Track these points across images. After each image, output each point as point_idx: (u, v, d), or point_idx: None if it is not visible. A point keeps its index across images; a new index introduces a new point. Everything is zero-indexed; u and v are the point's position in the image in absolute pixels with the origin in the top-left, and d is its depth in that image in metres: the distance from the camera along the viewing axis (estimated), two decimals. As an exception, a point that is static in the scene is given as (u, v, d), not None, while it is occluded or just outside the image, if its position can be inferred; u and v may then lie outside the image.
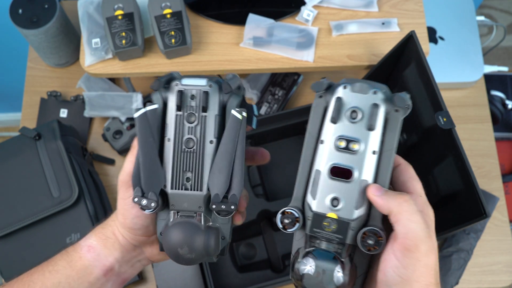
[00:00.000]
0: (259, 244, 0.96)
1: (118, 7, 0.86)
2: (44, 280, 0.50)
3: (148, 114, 0.46)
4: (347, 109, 0.44)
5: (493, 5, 2.05)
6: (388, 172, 0.44)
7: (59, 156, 0.90)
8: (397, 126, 0.44)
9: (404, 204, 0.42)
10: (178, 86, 0.46)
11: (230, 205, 0.45)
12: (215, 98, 0.45)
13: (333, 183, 0.45)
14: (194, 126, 0.45)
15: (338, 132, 0.45)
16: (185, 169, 0.46)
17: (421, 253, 0.41)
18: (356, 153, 0.44)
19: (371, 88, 0.44)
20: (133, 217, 0.49)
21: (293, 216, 0.46)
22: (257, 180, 0.97)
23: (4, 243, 0.88)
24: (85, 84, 1.07)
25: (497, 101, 1.19)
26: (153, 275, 0.92)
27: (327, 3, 0.93)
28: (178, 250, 0.45)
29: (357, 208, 0.44)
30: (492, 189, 1.02)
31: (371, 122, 0.43)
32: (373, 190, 0.43)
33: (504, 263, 0.98)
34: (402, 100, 0.43)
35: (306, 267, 0.44)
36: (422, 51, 0.78)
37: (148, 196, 0.45)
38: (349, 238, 0.44)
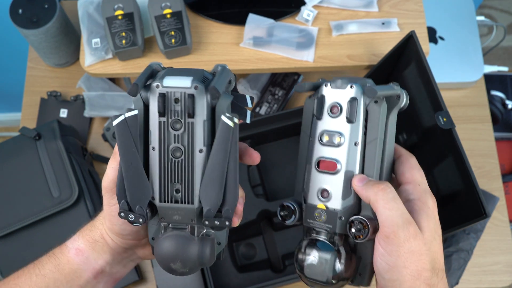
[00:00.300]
0: (259, 244, 0.96)
1: (118, 7, 0.86)
2: (31, 284, 0.49)
3: (128, 121, 0.40)
4: (328, 105, 0.47)
5: (493, 5, 2.05)
6: (374, 162, 0.46)
7: (59, 156, 0.90)
8: (378, 117, 0.46)
9: (380, 193, 0.43)
10: (159, 88, 0.40)
11: (224, 221, 0.42)
12: (202, 101, 0.40)
13: (321, 176, 0.47)
14: (180, 134, 0.40)
15: (321, 128, 0.47)
16: (174, 181, 0.41)
17: (400, 239, 0.41)
18: (339, 145, 0.46)
19: (349, 83, 0.46)
20: (121, 224, 0.47)
21: (290, 209, 0.49)
22: (257, 180, 0.97)
23: (4, 243, 0.88)
24: (85, 84, 1.07)
25: (497, 101, 1.19)
26: (153, 275, 0.92)
27: (327, 3, 0.93)
28: (171, 265, 0.42)
29: (344, 198, 0.46)
30: (492, 189, 1.02)
31: (349, 115, 0.45)
32: (355, 181, 0.45)
33: (504, 263, 0.98)
34: (371, 91, 0.44)
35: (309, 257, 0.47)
36: (422, 51, 0.78)
37: (136, 211, 0.42)
38: (338, 227, 0.46)
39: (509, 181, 1.26)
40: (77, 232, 0.51)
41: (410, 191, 0.46)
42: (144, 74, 0.41)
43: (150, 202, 0.43)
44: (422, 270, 0.42)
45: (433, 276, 0.42)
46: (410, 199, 0.45)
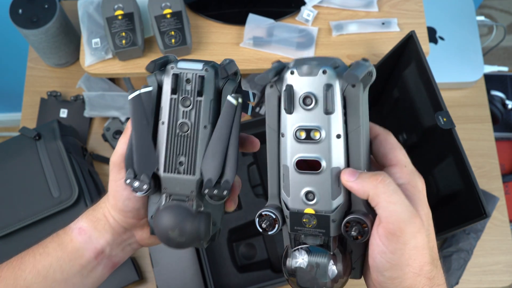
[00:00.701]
0: (259, 244, 0.96)
1: (118, 7, 0.87)
2: (35, 262, 0.50)
3: (142, 97, 0.45)
4: (300, 96, 0.41)
5: (493, 5, 2.05)
6: (360, 153, 0.41)
7: (59, 156, 0.90)
8: (358, 102, 0.40)
9: (380, 186, 0.39)
10: (173, 69, 0.45)
11: (222, 190, 0.44)
12: (211, 83, 0.44)
13: (303, 177, 0.42)
14: (188, 110, 0.45)
15: (295, 123, 0.41)
16: (179, 153, 0.45)
17: (407, 236, 0.38)
18: (319, 141, 0.41)
19: (320, 67, 0.40)
20: (124, 199, 0.48)
21: (271, 218, 0.44)
22: (257, 180, 0.97)
23: (4, 243, 0.88)
24: (85, 84, 1.07)
25: (497, 101, 1.19)
26: (153, 275, 0.92)
27: (327, 3, 0.93)
28: (169, 233, 0.45)
29: (334, 198, 0.41)
30: (492, 189, 1.02)
31: (327, 106, 0.40)
32: (346, 176, 0.40)
33: (504, 263, 0.98)
34: (353, 78, 0.38)
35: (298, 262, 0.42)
36: (422, 51, 0.78)
37: (141, 178, 0.45)
38: (332, 231, 0.42)
39: (509, 181, 1.26)
40: (82, 214, 0.53)
41: (397, 174, 0.42)
42: (161, 58, 0.45)
43: (155, 174, 0.46)
44: (423, 265, 0.39)
45: (433, 269, 0.40)
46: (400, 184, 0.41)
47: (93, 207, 0.52)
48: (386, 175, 0.40)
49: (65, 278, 0.50)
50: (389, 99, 0.94)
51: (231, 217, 0.92)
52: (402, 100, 0.90)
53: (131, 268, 0.92)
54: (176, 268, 0.88)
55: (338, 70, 0.40)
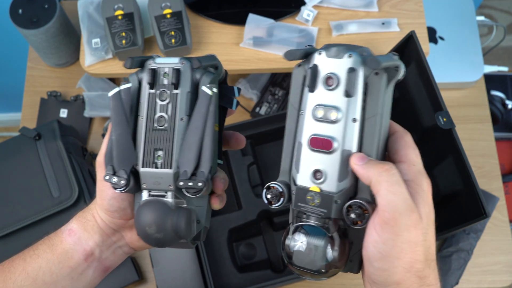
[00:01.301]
0: (259, 244, 0.96)
1: (118, 7, 0.87)
2: (25, 265, 0.50)
3: (122, 93, 0.45)
4: (323, 76, 0.42)
5: (493, 5, 2.05)
6: (374, 140, 0.42)
7: (59, 156, 0.90)
8: (379, 90, 0.41)
9: (384, 174, 0.39)
10: (151, 64, 0.45)
11: (197, 182, 0.43)
12: (187, 75, 0.45)
13: (315, 155, 0.42)
14: (165, 104, 0.45)
15: (315, 101, 0.42)
16: (156, 147, 0.45)
17: (400, 228, 0.38)
18: (335, 122, 0.42)
19: (347, 51, 0.41)
20: (110, 199, 0.48)
21: (277, 191, 0.44)
22: (257, 180, 0.97)
23: (4, 243, 0.88)
24: (85, 84, 1.07)
25: (497, 101, 1.19)
26: (153, 275, 0.92)
27: (327, 3, 0.93)
28: (146, 229, 0.44)
29: (340, 181, 0.42)
30: (492, 189, 1.02)
31: (347, 88, 0.41)
32: (355, 159, 0.41)
33: (504, 263, 0.98)
34: (375, 62, 0.39)
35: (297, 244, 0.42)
36: (422, 51, 0.78)
37: (119, 174, 0.44)
38: (333, 212, 0.42)
39: (509, 181, 1.26)
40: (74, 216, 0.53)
41: (404, 171, 0.42)
42: (142, 57, 0.46)
43: (135, 170, 0.45)
44: (415, 262, 0.39)
45: (425, 268, 0.39)
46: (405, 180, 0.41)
47: (84, 209, 0.52)
48: (393, 166, 0.40)
49: (55, 280, 0.50)
50: (389, 99, 0.94)
51: (231, 217, 0.92)
52: (402, 100, 0.90)
53: (131, 268, 0.92)
54: (176, 268, 0.88)
55: (364, 57, 0.41)
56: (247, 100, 1.07)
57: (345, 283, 0.95)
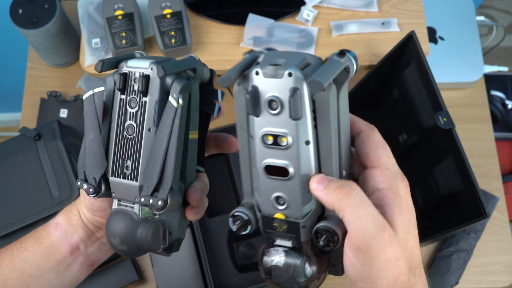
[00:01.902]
0: (259, 244, 0.96)
1: (118, 7, 0.87)
2: (12, 257, 0.50)
3: (95, 97, 0.43)
4: (265, 100, 0.37)
5: (493, 5, 2.05)
6: (332, 158, 0.39)
7: (59, 156, 0.90)
8: (328, 107, 0.37)
9: (344, 199, 0.37)
10: (123, 68, 0.42)
11: (157, 200, 0.41)
12: (156, 83, 0.41)
13: (273, 182, 0.40)
14: (134, 111, 0.42)
15: (262, 127, 0.38)
16: (125, 157, 0.43)
17: (375, 251, 0.36)
18: (287, 147, 0.38)
19: (285, 69, 0.36)
20: (90, 198, 0.47)
21: (243, 220, 0.42)
22: (257, 180, 0.97)
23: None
24: (85, 84, 1.07)
25: (497, 101, 1.19)
26: (153, 275, 0.92)
27: (327, 3, 0.93)
28: (112, 240, 0.43)
29: (304, 204, 0.39)
30: (492, 189, 1.02)
31: (293, 112, 0.35)
32: (314, 184, 0.38)
33: (504, 263, 0.98)
34: (316, 85, 0.34)
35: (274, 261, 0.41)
36: (422, 51, 0.78)
37: (89, 181, 0.43)
38: (303, 236, 0.40)
39: (509, 181, 1.26)
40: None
41: (378, 178, 0.39)
42: (118, 57, 0.43)
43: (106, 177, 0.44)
44: (398, 275, 0.37)
45: (411, 277, 0.38)
46: (380, 189, 0.39)
47: (71, 203, 0.52)
48: (353, 187, 0.37)
49: (41, 273, 0.50)
50: (389, 99, 0.94)
51: (231, 217, 0.92)
52: (402, 100, 0.90)
53: (131, 268, 0.92)
54: (176, 268, 0.88)
55: (307, 71, 0.37)
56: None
57: (345, 283, 0.95)
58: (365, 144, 0.40)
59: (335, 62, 0.37)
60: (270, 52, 0.40)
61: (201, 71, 0.44)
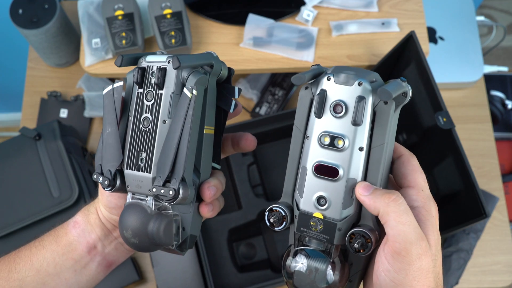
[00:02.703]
0: (259, 244, 0.96)
1: (118, 7, 0.87)
2: (30, 255, 0.50)
3: (114, 92, 0.44)
4: (331, 103, 0.41)
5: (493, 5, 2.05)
6: (379, 169, 0.42)
7: (59, 156, 0.90)
8: (387, 120, 0.41)
9: (391, 204, 0.39)
10: (141, 63, 0.44)
11: (168, 190, 0.41)
12: (172, 75, 0.42)
13: (319, 182, 0.42)
14: (151, 104, 0.43)
15: (322, 128, 0.42)
16: (140, 149, 0.44)
17: (412, 257, 0.38)
18: (341, 150, 0.41)
19: (356, 79, 0.41)
20: (107, 195, 0.48)
21: (280, 215, 0.44)
22: (257, 180, 0.97)
23: (4, 243, 0.88)
24: (85, 84, 1.07)
25: (497, 101, 1.19)
26: (153, 275, 0.92)
27: (327, 3, 0.93)
28: (124, 233, 0.43)
29: (344, 208, 0.42)
30: (492, 189, 1.02)
31: (356, 117, 0.40)
32: (360, 190, 0.41)
33: (504, 263, 0.98)
34: (386, 94, 0.39)
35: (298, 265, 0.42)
36: (422, 51, 0.78)
37: (104, 174, 0.44)
38: (336, 239, 0.42)
39: (509, 181, 1.26)
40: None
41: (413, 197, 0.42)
42: (137, 54, 0.45)
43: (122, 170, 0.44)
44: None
45: None
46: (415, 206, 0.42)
47: (91, 202, 0.53)
48: (399, 195, 0.40)
49: (58, 272, 0.50)
50: (389, 99, 0.94)
51: (231, 217, 0.92)
52: (402, 100, 0.90)
53: (131, 268, 0.92)
54: (176, 268, 0.88)
55: (374, 85, 0.41)
56: (247, 100, 1.07)
57: None
58: (404, 166, 0.43)
59: (399, 83, 0.41)
60: (339, 66, 0.43)
61: (219, 68, 0.45)
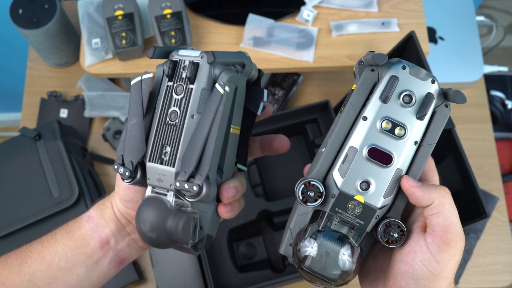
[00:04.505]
0: (259, 244, 0.96)
1: (118, 7, 0.87)
2: (42, 249, 0.50)
3: (143, 83, 0.44)
4: (401, 91, 0.41)
5: (493, 5, 2.05)
6: (422, 167, 0.42)
7: (59, 156, 0.90)
8: (443, 122, 0.42)
9: (447, 196, 0.40)
10: (173, 56, 0.44)
11: (192, 186, 0.40)
12: (205, 70, 0.42)
13: (368, 165, 0.42)
14: (180, 98, 0.43)
15: (385, 112, 0.42)
16: (164, 143, 0.43)
17: (458, 249, 0.39)
18: (399, 139, 0.42)
19: (430, 77, 0.42)
20: (124, 188, 0.48)
21: (317, 190, 0.42)
22: (257, 180, 0.97)
23: (4, 243, 0.88)
24: (85, 84, 1.07)
25: (497, 101, 1.19)
26: (153, 275, 0.92)
27: (327, 3, 0.93)
28: (141, 226, 0.43)
29: (385, 197, 0.42)
30: (492, 189, 1.02)
31: (422, 112, 0.41)
32: (411, 181, 0.41)
33: (504, 263, 0.98)
34: (462, 97, 0.41)
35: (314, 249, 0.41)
36: (422, 51, 0.78)
37: (126, 165, 0.43)
38: (370, 226, 0.42)
39: (509, 181, 1.26)
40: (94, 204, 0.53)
41: None
42: (169, 47, 0.45)
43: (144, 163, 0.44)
44: (451, 283, 0.40)
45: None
46: None
47: (106, 197, 0.52)
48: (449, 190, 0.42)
49: (69, 267, 0.49)
50: (389, 99, 0.94)
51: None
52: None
53: (131, 268, 0.93)
54: (176, 268, 0.88)
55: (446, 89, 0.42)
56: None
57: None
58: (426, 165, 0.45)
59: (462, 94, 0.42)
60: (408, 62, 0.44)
61: (250, 68, 0.45)
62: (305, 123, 0.97)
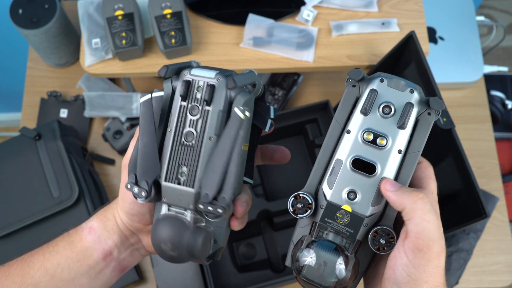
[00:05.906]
0: (259, 244, 0.96)
1: (118, 7, 0.87)
2: (44, 260, 0.50)
3: (153, 101, 0.44)
4: (381, 103, 0.43)
5: (493, 5, 2.05)
6: (410, 174, 0.44)
7: (59, 156, 0.90)
8: (428, 130, 0.43)
9: (419, 202, 0.41)
10: (186, 75, 0.44)
11: (217, 208, 0.42)
12: (221, 93, 0.43)
13: (353, 176, 0.44)
14: (196, 119, 0.43)
15: (367, 125, 0.44)
16: (181, 163, 0.43)
17: (433, 254, 0.40)
18: (382, 148, 0.43)
19: (408, 86, 0.43)
20: (130, 202, 0.48)
21: (306, 202, 0.44)
22: (257, 180, 0.97)
23: (4, 243, 0.88)
24: (85, 84, 1.07)
25: (497, 101, 1.19)
26: (153, 275, 0.92)
27: (327, 3, 0.93)
28: (162, 246, 0.44)
29: (373, 205, 0.43)
30: (492, 189, 1.02)
31: (403, 121, 0.42)
32: (388, 185, 0.42)
33: (504, 263, 0.98)
34: (439, 104, 0.42)
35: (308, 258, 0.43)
36: (422, 51, 0.78)
37: (140, 185, 0.44)
38: (360, 234, 0.43)
39: (509, 181, 1.26)
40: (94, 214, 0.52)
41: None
42: (179, 64, 0.44)
43: (158, 182, 0.44)
44: (439, 285, 0.41)
45: None
46: None
47: (106, 207, 0.52)
48: (426, 195, 0.42)
49: (73, 278, 0.50)
50: (389, 99, 0.94)
51: (231, 217, 0.92)
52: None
53: (131, 269, 0.92)
54: (176, 268, 0.88)
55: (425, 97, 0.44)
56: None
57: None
58: (422, 171, 0.46)
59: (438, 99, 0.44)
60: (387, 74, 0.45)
61: (260, 87, 0.46)
62: (305, 123, 0.97)
